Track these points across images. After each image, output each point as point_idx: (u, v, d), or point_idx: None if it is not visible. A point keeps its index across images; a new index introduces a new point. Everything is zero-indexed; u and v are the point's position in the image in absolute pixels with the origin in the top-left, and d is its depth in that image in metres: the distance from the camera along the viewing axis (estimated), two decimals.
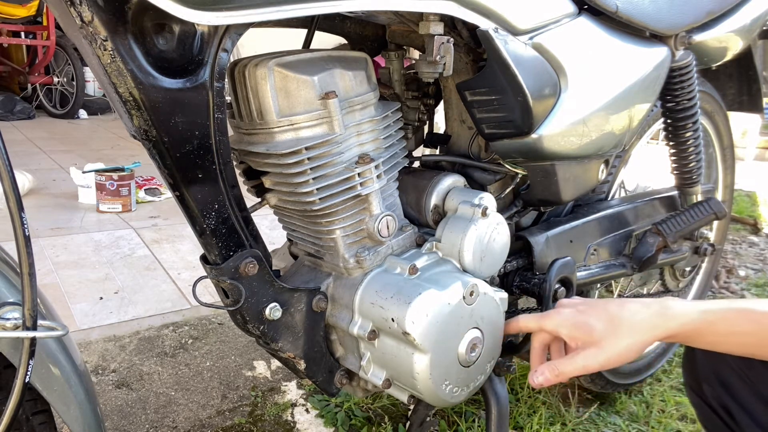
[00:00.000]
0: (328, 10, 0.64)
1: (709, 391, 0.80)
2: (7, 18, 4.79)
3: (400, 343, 0.76)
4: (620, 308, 0.72)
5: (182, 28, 0.59)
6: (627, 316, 0.71)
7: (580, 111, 0.90)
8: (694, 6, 1.12)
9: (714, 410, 0.80)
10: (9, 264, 0.67)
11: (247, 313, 0.74)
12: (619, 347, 0.70)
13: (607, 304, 0.74)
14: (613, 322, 0.71)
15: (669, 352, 1.63)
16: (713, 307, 0.70)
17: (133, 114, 0.59)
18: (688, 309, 0.71)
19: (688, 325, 0.70)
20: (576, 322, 0.73)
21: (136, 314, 1.81)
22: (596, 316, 0.73)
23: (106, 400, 1.41)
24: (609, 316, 0.72)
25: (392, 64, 0.94)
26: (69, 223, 2.57)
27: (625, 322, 0.71)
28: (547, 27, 0.85)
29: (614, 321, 0.71)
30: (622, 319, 0.71)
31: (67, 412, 0.67)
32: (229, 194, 0.69)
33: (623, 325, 0.71)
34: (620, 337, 0.70)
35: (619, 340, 0.70)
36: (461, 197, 0.86)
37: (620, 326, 0.71)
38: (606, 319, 0.72)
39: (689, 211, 1.23)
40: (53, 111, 5.44)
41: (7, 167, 0.54)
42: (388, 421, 1.37)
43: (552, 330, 0.76)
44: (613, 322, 0.71)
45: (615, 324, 0.71)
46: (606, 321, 0.72)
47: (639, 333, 0.70)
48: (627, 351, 0.70)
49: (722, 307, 0.70)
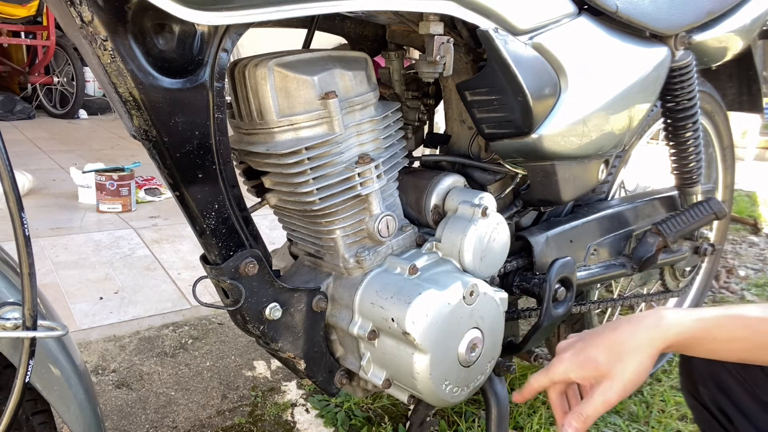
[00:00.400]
0: (328, 10, 0.64)
1: (706, 394, 0.80)
2: (7, 18, 4.79)
3: (400, 343, 0.76)
4: (616, 333, 0.72)
5: (182, 28, 0.59)
6: (625, 339, 0.71)
7: (580, 111, 0.90)
8: (694, 6, 1.12)
9: (711, 413, 0.80)
10: (9, 264, 0.67)
11: (247, 313, 0.74)
12: (629, 371, 0.70)
13: (602, 332, 0.74)
14: (614, 349, 0.71)
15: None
16: (707, 315, 0.70)
17: (133, 114, 0.59)
18: (682, 318, 0.71)
19: (685, 334, 0.70)
20: (580, 362, 0.73)
21: (136, 314, 1.81)
22: (596, 349, 0.72)
23: (106, 400, 1.41)
24: (608, 344, 0.72)
25: (392, 64, 0.94)
26: (69, 223, 2.57)
27: (626, 346, 0.71)
28: (547, 27, 0.85)
29: (615, 348, 0.71)
30: (622, 344, 0.71)
31: (67, 412, 0.67)
32: (229, 194, 0.69)
33: (624, 350, 0.71)
34: (626, 362, 0.70)
35: (626, 365, 0.70)
36: (461, 197, 0.86)
37: (622, 351, 0.71)
38: (606, 349, 0.72)
39: (689, 211, 1.23)
40: (53, 111, 5.44)
41: (7, 167, 0.54)
42: (388, 421, 1.37)
43: (562, 378, 0.75)
44: (613, 349, 0.71)
45: (616, 351, 0.71)
46: (607, 351, 0.72)
47: (641, 352, 0.70)
48: (637, 372, 0.70)
49: (716, 315, 0.70)
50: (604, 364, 0.71)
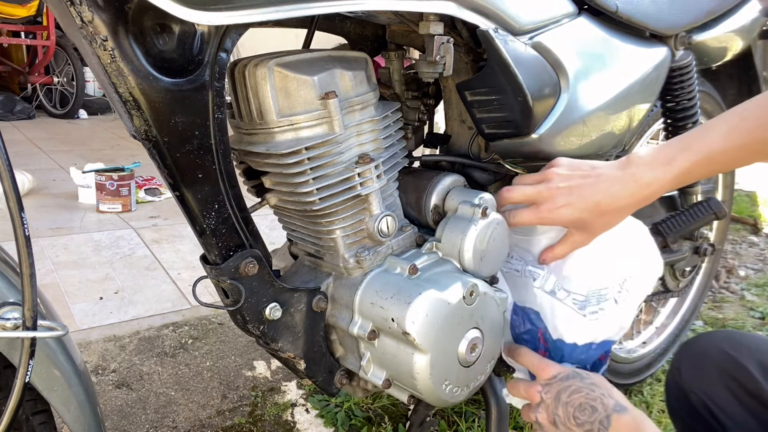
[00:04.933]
0: (328, 10, 0.64)
1: (696, 400, 0.82)
2: (7, 18, 4.79)
3: (400, 343, 0.76)
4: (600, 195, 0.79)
5: (182, 28, 0.59)
6: (610, 203, 0.79)
7: (580, 111, 0.90)
8: (694, 6, 1.12)
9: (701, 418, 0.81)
10: (9, 264, 0.67)
11: (247, 313, 0.74)
12: (608, 227, 0.83)
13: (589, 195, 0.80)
14: (600, 208, 0.80)
15: (669, 352, 1.63)
16: (679, 166, 0.77)
17: (133, 114, 0.59)
18: (658, 176, 0.78)
19: (662, 190, 0.79)
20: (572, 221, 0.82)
21: (136, 314, 1.81)
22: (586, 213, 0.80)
23: (106, 400, 1.41)
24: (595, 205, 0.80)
25: (392, 64, 0.94)
26: (69, 223, 2.57)
27: (611, 207, 0.80)
28: (547, 27, 0.85)
29: (600, 208, 0.80)
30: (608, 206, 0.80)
31: (67, 412, 0.67)
32: (229, 194, 0.69)
33: (609, 210, 0.80)
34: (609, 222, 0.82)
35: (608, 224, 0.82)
36: (461, 197, 0.86)
37: (607, 212, 0.80)
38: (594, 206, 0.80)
39: (689, 211, 1.23)
40: (53, 111, 5.44)
41: (7, 167, 0.54)
42: (388, 421, 1.37)
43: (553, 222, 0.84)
44: (600, 209, 0.80)
45: (602, 210, 0.80)
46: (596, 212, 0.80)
47: (624, 213, 0.82)
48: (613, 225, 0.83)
49: (686, 164, 0.76)
50: (591, 224, 0.81)
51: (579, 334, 0.87)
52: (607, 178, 0.80)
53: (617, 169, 0.80)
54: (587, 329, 0.87)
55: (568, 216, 0.81)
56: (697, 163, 0.76)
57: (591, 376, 0.81)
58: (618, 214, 0.81)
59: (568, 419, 0.78)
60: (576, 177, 0.81)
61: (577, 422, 0.77)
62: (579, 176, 0.81)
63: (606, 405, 0.76)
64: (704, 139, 0.76)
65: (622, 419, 0.74)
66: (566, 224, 0.83)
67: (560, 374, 0.81)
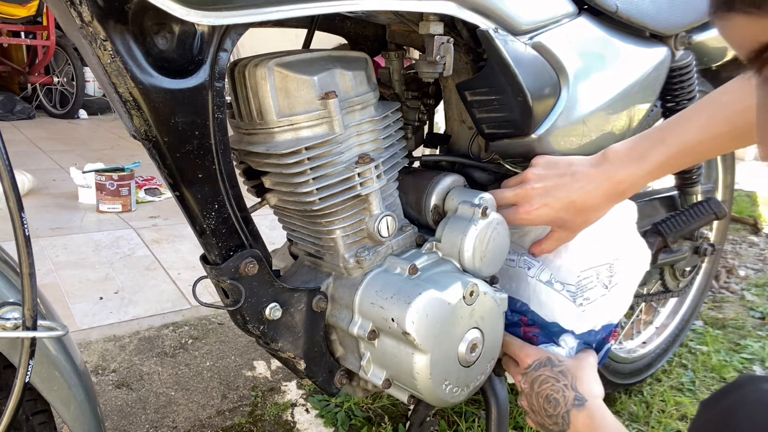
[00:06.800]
0: (328, 10, 0.64)
1: None
2: (7, 18, 4.79)
3: (400, 343, 0.76)
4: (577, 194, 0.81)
5: (182, 28, 0.59)
6: (588, 203, 0.81)
7: (580, 111, 0.90)
8: (694, 6, 1.12)
9: None
10: (9, 264, 0.67)
11: (247, 313, 0.74)
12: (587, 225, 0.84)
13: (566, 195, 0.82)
14: (578, 208, 0.82)
15: (669, 352, 1.63)
16: (652, 162, 0.78)
17: (133, 114, 0.59)
18: (632, 173, 0.79)
19: (637, 186, 0.81)
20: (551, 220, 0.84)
21: (136, 314, 1.81)
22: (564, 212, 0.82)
23: (106, 400, 1.41)
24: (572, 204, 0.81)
25: (392, 64, 0.94)
26: (69, 223, 2.57)
27: (588, 206, 0.81)
28: (547, 27, 0.85)
29: (578, 207, 0.82)
30: (584, 204, 0.81)
31: (67, 412, 0.67)
32: (229, 194, 0.69)
33: (587, 209, 0.82)
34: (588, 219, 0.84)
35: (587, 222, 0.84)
36: (461, 197, 0.86)
37: (584, 210, 0.82)
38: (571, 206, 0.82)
39: (689, 211, 1.23)
40: (53, 111, 5.44)
41: (7, 167, 0.54)
42: (388, 421, 1.37)
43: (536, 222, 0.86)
44: (577, 208, 0.82)
45: (579, 209, 0.82)
46: (573, 211, 0.82)
47: (601, 210, 0.83)
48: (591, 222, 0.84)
49: (660, 160, 0.78)
50: (570, 222, 0.83)
51: (577, 324, 0.89)
52: (582, 176, 0.81)
53: (591, 166, 0.81)
54: (584, 318, 0.89)
55: (545, 216, 0.82)
56: (672, 157, 0.77)
57: (563, 362, 0.81)
58: (594, 211, 0.82)
59: (540, 409, 0.79)
60: (552, 176, 0.82)
61: (547, 414, 0.78)
62: (555, 175, 0.82)
63: (567, 398, 0.76)
64: (680, 131, 0.77)
65: (579, 417, 0.74)
66: (545, 224, 0.84)
67: (534, 362, 0.82)
